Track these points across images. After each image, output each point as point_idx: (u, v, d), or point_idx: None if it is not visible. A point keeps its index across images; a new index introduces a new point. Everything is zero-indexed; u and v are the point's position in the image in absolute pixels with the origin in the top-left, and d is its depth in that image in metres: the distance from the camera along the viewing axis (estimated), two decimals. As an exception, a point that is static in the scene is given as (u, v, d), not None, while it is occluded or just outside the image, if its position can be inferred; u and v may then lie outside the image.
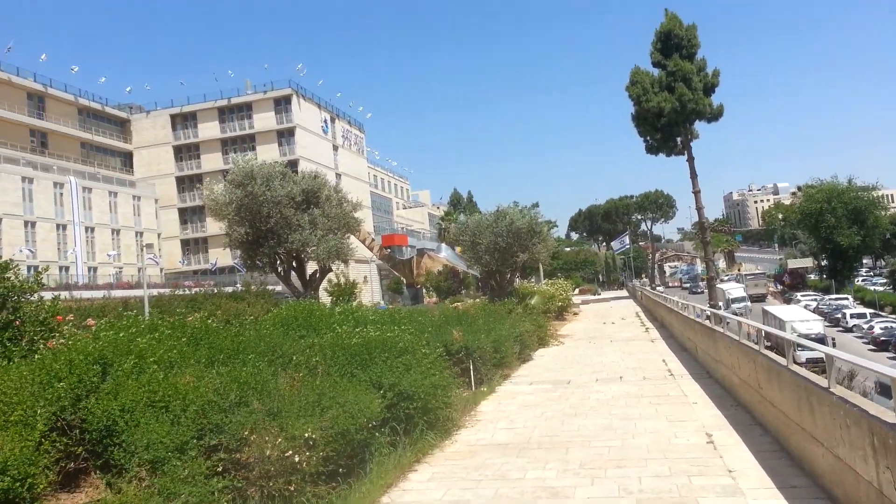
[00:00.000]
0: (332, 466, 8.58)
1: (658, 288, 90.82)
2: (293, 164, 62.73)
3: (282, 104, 72.99)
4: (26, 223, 49.93)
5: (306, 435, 8.05)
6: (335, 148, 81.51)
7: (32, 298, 13.59)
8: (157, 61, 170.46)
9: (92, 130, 66.71)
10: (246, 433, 7.96)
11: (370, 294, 70.05)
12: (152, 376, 8.70)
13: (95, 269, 55.56)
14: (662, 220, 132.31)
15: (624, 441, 10.85)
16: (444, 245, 64.31)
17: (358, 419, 9.02)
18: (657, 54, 58.66)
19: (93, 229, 56.23)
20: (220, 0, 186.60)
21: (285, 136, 72.80)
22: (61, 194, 53.43)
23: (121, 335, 10.62)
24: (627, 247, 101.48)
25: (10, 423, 7.58)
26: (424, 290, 58.75)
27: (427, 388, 11.10)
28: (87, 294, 40.10)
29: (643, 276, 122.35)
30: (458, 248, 53.27)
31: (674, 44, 57.95)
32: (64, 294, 38.00)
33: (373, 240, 67.39)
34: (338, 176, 76.88)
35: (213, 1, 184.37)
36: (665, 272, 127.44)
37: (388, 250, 67.09)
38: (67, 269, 52.74)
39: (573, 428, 12.10)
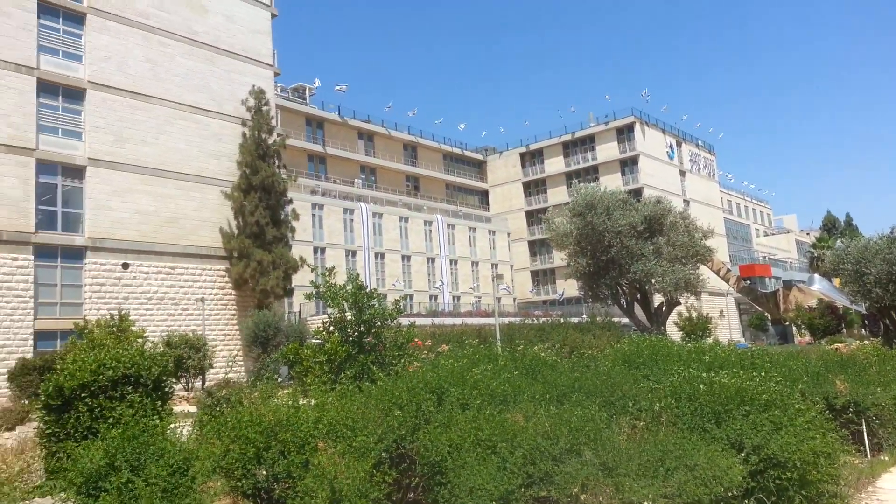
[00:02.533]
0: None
1: None
2: (637, 193, 61.11)
3: (624, 133, 72.21)
4: (403, 257, 57.32)
5: (646, 502, 6.68)
6: (682, 173, 77.53)
7: (393, 324, 14.69)
8: (507, 104, 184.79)
9: (454, 173, 74.46)
10: (576, 490, 6.93)
11: (727, 330, 64.15)
12: (480, 411, 8.27)
13: (458, 297, 61.18)
14: None
15: None
16: (816, 276, 55.78)
17: (712, 488, 7.32)
18: None
19: (455, 262, 62.16)
20: (564, 41, 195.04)
21: (628, 164, 71.67)
22: (430, 231, 60.30)
23: (457, 364, 10.58)
24: None
25: (352, 449, 7.69)
26: (794, 328, 51.43)
27: (804, 455, 8.73)
28: (449, 321, 44.02)
29: None
30: (835, 280, 45.47)
31: None
32: (431, 320, 42.37)
33: (728, 270, 61.85)
34: (686, 202, 72.80)
35: (555, 43, 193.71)
36: None
37: (748, 282, 60.79)
38: (435, 297, 58.98)
39: None
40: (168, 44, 34.17)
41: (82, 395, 7.78)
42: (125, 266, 31.03)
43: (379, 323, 14.09)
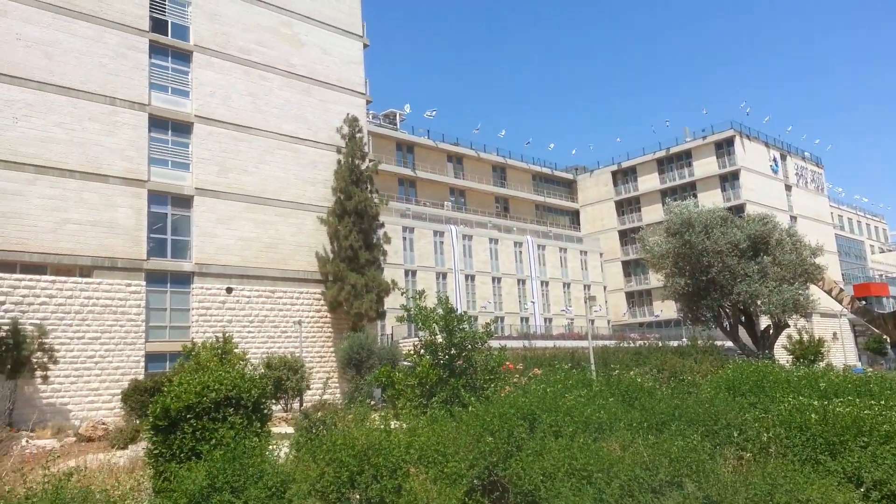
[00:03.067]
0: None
1: None
2: (739, 209, 58.54)
3: (723, 147, 69.53)
4: (493, 279, 57.22)
5: (755, 541, 6.26)
6: (787, 188, 73.70)
7: (483, 347, 14.60)
8: (598, 122, 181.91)
9: (544, 193, 73.90)
10: (677, 524, 6.58)
11: (841, 354, 59.99)
12: (573, 439, 8.03)
13: (550, 319, 60.34)
14: None
15: None
16: (942, 294, 51.33)
17: (829, 526, 6.77)
18: None
19: (547, 283, 61.41)
20: (656, 56, 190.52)
21: (728, 180, 68.87)
22: (520, 252, 59.96)
23: (549, 389, 10.36)
24: None
25: (443, 475, 7.64)
26: (917, 352, 47.43)
27: (937, 494, 7.95)
28: (541, 344, 43.44)
29: None
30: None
31: None
32: (523, 343, 41.92)
33: (841, 290, 57.83)
34: (792, 218, 69.09)
35: (647, 58, 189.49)
36: None
37: (863, 302, 56.55)
38: (527, 319, 58.43)
39: None
40: (267, 77, 35.91)
41: (187, 416, 8.14)
42: (229, 290, 32.52)
43: (469, 346, 14.03)
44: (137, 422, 20.50)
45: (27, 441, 19.79)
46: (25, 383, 25.44)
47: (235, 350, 25.23)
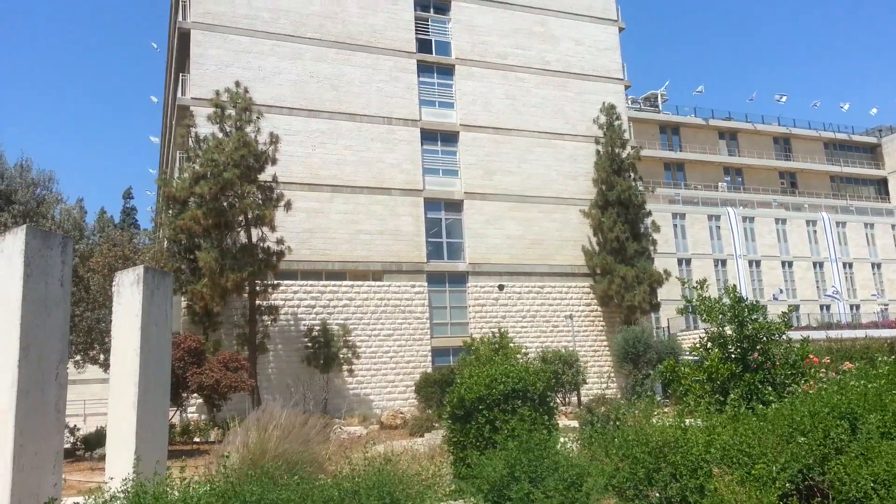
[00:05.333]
0: None
1: None
2: None
3: None
4: (782, 263, 51.57)
5: None
6: None
7: (781, 339, 13.10)
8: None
9: (840, 162, 64.60)
10: None
11: None
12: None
13: (857, 306, 52.68)
14: None
15: None
16: None
17: None
18: None
19: (850, 265, 53.72)
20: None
21: None
22: (814, 231, 53.23)
23: (871, 386, 8.84)
24: None
25: (751, 477, 6.95)
26: None
27: None
28: (847, 334, 37.99)
29: None
30: None
31: None
32: (824, 334, 37.08)
33: None
34: None
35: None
36: None
37: None
38: (827, 307, 51.67)
39: None
40: (524, 78, 36.67)
41: (480, 407, 8.48)
42: (501, 287, 33.81)
43: (765, 338, 12.71)
44: (429, 412, 22.16)
45: (340, 427, 22.52)
46: (335, 376, 29.10)
47: (511, 344, 26.07)
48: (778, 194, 58.16)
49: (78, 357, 20.03)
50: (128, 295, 7.83)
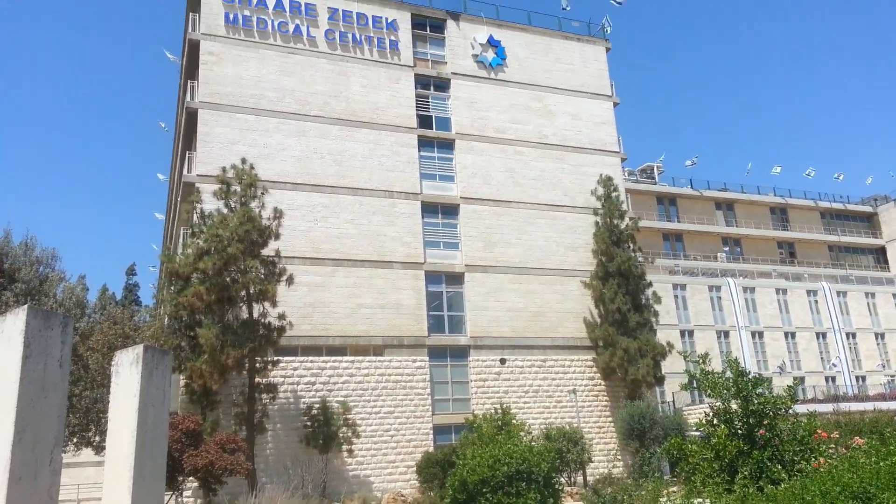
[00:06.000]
0: None
1: None
2: None
3: None
4: (785, 334, 51.14)
5: None
6: None
7: (788, 414, 12.85)
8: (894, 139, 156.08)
9: (837, 231, 64.98)
10: None
11: None
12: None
13: (863, 377, 51.90)
14: None
15: None
16: None
17: None
18: None
19: (853, 335, 53.27)
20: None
21: None
22: (815, 301, 53.01)
23: (883, 463, 8.61)
24: None
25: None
26: None
27: None
28: (855, 406, 37.29)
29: None
30: None
31: None
32: (831, 407, 36.35)
33: None
34: None
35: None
36: None
37: None
38: (833, 379, 50.92)
39: None
40: (522, 151, 37.43)
41: (483, 490, 8.26)
42: (503, 361, 33.43)
43: (771, 413, 12.47)
44: (431, 494, 21.51)
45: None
46: (334, 457, 28.34)
47: (514, 421, 25.58)
48: (777, 264, 58.27)
49: (74, 440, 19.64)
50: (126, 375, 7.74)
